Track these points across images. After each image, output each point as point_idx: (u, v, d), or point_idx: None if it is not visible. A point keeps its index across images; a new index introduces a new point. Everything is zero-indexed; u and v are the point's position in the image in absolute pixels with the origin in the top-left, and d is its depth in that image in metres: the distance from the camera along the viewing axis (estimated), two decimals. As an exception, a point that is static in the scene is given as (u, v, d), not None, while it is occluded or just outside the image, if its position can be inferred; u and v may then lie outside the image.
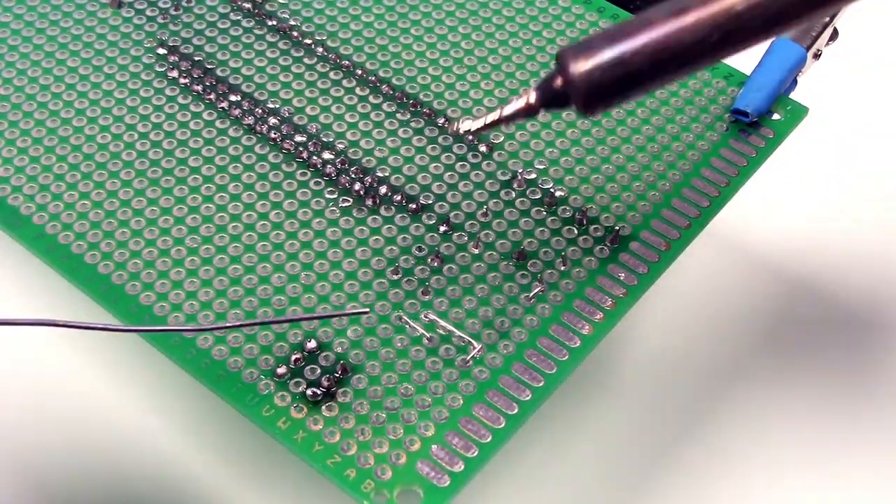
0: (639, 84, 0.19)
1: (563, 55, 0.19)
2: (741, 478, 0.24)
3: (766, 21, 0.18)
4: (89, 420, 0.24)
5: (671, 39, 0.18)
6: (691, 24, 0.18)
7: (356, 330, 0.21)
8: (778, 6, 0.18)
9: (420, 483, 0.19)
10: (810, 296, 0.27)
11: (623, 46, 0.18)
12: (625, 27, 0.18)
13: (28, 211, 0.23)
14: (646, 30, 0.18)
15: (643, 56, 0.18)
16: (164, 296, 0.22)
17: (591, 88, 0.19)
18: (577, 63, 0.18)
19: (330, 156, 0.24)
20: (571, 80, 0.19)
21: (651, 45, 0.18)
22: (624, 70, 0.18)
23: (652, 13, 0.18)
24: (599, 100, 0.19)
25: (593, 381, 0.25)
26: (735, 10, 0.18)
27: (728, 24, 0.18)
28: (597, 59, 0.18)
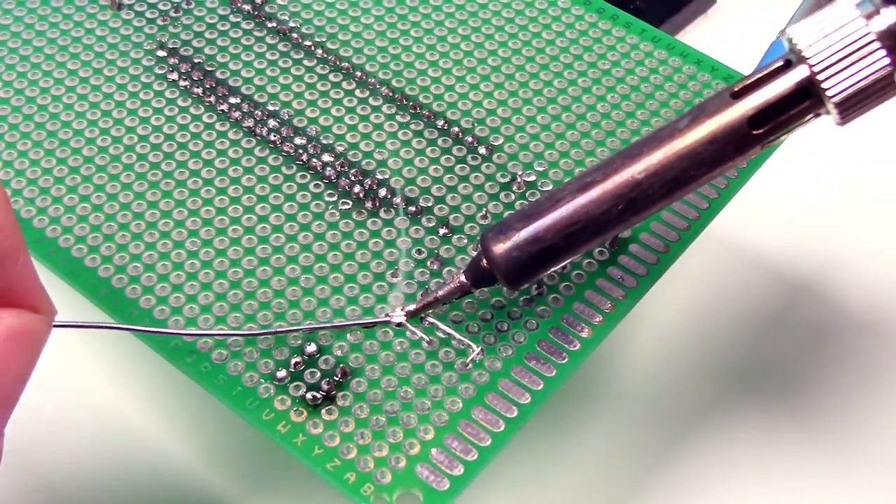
0: (555, 257, 0.20)
1: (483, 238, 0.20)
2: (740, 480, 0.24)
3: (666, 187, 0.19)
4: (88, 423, 0.24)
5: (580, 214, 0.20)
6: (597, 197, 0.20)
7: (356, 334, 0.21)
8: (674, 173, 0.19)
9: (419, 486, 0.20)
10: (810, 297, 0.27)
11: (537, 225, 0.20)
12: (537, 205, 0.20)
13: (28, 214, 0.23)
14: (556, 207, 0.20)
15: (556, 232, 0.20)
16: (164, 299, 0.22)
17: (512, 267, 0.20)
18: (497, 245, 0.20)
19: (330, 158, 0.24)
20: (494, 261, 0.20)
21: (562, 221, 0.20)
22: (539, 247, 0.20)
23: (559, 191, 0.20)
24: (522, 275, 0.20)
25: (592, 384, 0.25)
26: (635, 180, 0.19)
27: (630, 194, 0.19)
28: (514, 240, 0.20)
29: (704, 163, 0.19)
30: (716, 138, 0.19)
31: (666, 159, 0.19)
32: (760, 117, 0.19)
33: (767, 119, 0.19)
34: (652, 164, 0.19)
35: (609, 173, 0.20)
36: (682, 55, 0.26)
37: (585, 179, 0.20)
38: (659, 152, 0.19)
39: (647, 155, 0.19)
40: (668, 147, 0.19)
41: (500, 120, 0.25)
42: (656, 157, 0.19)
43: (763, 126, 0.19)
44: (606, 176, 0.20)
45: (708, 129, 0.19)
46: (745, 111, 0.19)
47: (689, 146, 0.19)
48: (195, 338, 0.21)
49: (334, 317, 0.22)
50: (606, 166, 0.20)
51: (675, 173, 0.19)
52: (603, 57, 0.26)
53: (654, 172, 0.19)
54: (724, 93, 0.19)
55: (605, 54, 0.26)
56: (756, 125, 0.19)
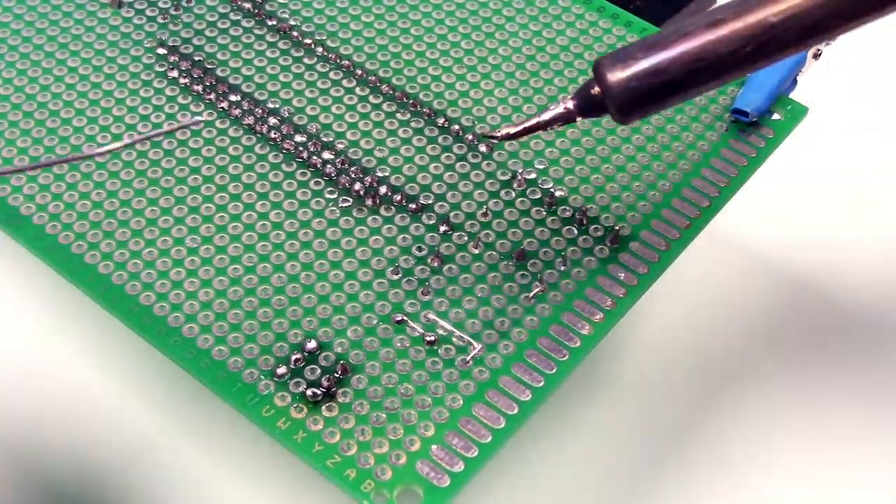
0: (675, 93, 0.19)
1: (599, 64, 0.19)
2: (742, 477, 0.24)
3: (800, 34, 0.18)
4: (87, 420, 0.24)
5: (707, 50, 0.18)
6: (726, 35, 0.18)
7: (356, 330, 0.21)
8: (812, 19, 0.18)
9: (420, 483, 0.19)
10: (810, 295, 0.27)
11: (660, 56, 0.19)
12: (662, 37, 0.19)
13: (28, 211, 0.23)
14: (682, 40, 0.19)
15: (679, 66, 0.19)
16: (164, 296, 0.22)
17: (627, 97, 0.19)
18: (614, 72, 0.19)
19: (330, 156, 0.24)
20: (608, 89, 0.19)
21: (687, 55, 0.19)
22: (660, 80, 0.19)
23: (688, 24, 0.19)
24: (635, 108, 0.19)
25: (593, 381, 0.25)
26: (769, 22, 0.18)
27: (762, 37, 0.18)
28: (634, 69, 0.19)
29: (843, 13, 0.18)
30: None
31: (805, 4, 0.18)
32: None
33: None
34: (790, 7, 0.18)
35: (742, 12, 0.18)
36: (682, 54, 0.26)
37: (717, 15, 0.19)
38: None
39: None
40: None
41: (500, 118, 0.25)
42: (795, 1, 0.18)
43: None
44: (739, 14, 0.18)
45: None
46: None
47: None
48: (187, 329, 0.21)
49: (334, 314, 0.22)
50: (741, 3, 0.19)
51: (812, 20, 0.18)
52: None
53: (790, 16, 0.18)
54: None
55: (604, 53, 0.26)
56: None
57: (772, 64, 0.19)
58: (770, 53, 0.19)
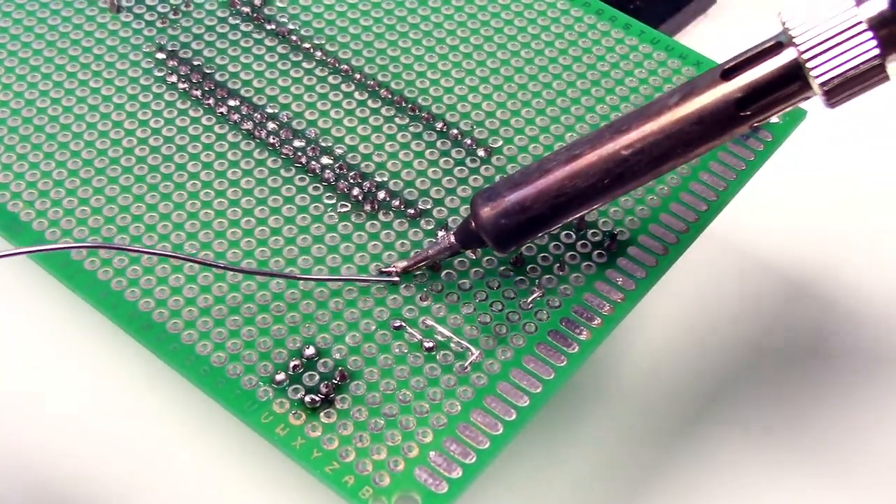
0: (541, 226, 0.21)
1: (473, 202, 0.21)
2: (741, 482, 0.24)
3: (652, 163, 0.20)
4: (84, 426, 0.24)
5: (567, 186, 0.20)
6: (584, 170, 0.20)
7: (354, 336, 0.21)
8: (661, 150, 0.20)
9: (418, 489, 0.20)
10: (810, 298, 0.27)
11: (524, 193, 0.20)
12: (525, 175, 0.20)
13: (27, 217, 0.23)
14: (544, 177, 0.20)
15: (543, 202, 0.20)
16: (163, 302, 0.22)
17: (499, 232, 0.21)
18: (485, 210, 0.21)
19: (328, 160, 0.24)
20: (482, 226, 0.21)
21: (549, 191, 0.20)
22: (526, 216, 0.20)
23: (547, 161, 0.20)
24: (509, 241, 0.21)
25: (591, 386, 0.25)
26: (622, 156, 0.20)
27: (616, 169, 0.20)
28: (502, 207, 0.21)
29: (691, 142, 0.20)
30: (703, 118, 0.19)
31: (653, 136, 0.20)
32: (748, 99, 0.19)
33: (755, 100, 0.19)
34: (639, 140, 0.20)
35: (597, 146, 0.20)
36: (680, 56, 0.26)
37: (574, 151, 0.20)
38: (646, 128, 0.20)
39: (634, 130, 0.20)
40: (655, 124, 0.20)
41: (498, 122, 0.25)
42: (643, 134, 0.20)
43: (750, 107, 0.19)
44: (594, 149, 0.20)
45: (696, 108, 0.19)
46: (732, 92, 0.19)
47: (677, 125, 0.19)
48: (186, 335, 0.21)
49: (333, 320, 0.22)
50: (595, 139, 0.20)
51: (661, 150, 0.20)
52: (602, 59, 0.26)
53: (640, 149, 0.20)
54: (715, 71, 0.19)
55: (603, 56, 0.26)
56: (744, 106, 0.19)
57: (629, 192, 0.21)
58: (626, 183, 0.20)
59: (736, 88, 0.19)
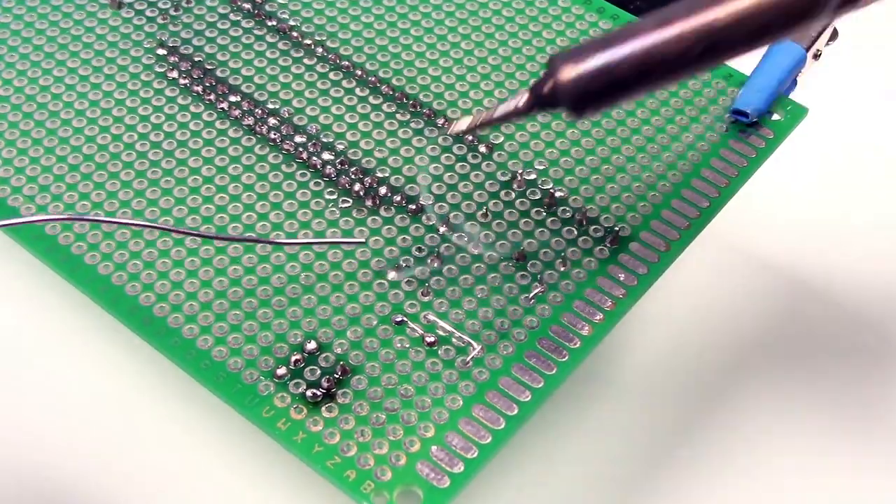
0: (624, 91, 0.19)
1: (553, 60, 0.19)
2: (742, 478, 0.24)
3: (748, 35, 0.19)
4: (86, 420, 0.24)
5: (656, 50, 0.19)
6: (675, 36, 0.19)
7: (356, 331, 0.21)
8: (758, 22, 0.18)
9: (420, 484, 0.19)
10: (810, 296, 0.27)
11: (610, 55, 0.19)
12: (614, 36, 0.19)
13: (28, 211, 0.23)
14: (633, 39, 0.19)
15: (629, 66, 0.19)
16: (163, 296, 0.22)
17: (578, 94, 0.19)
18: (566, 69, 0.19)
19: (330, 156, 0.24)
20: (561, 86, 0.19)
21: (637, 55, 0.19)
22: (610, 78, 0.19)
23: (639, 23, 0.19)
24: (587, 105, 0.19)
25: (593, 382, 0.25)
26: (717, 24, 0.18)
27: (711, 37, 0.19)
28: (584, 67, 0.19)
29: (793, 14, 0.18)
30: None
31: (755, 5, 0.18)
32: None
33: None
34: (740, 8, 0.18)
35: (691, 13, 0.19)
36: (682, 54, 0.26)
37: (668, 14, 0.19)
38: None
39: None
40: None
41: (500, 118, 0.25)
42: (744, 4, 0.18)
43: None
44: (690, 14, 0.19)
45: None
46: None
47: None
48: (186, 330, 0.21)
49: (334, 315, 0.22)
50: (691, 5, 0.19)
51: (762, 22, 0.18)
52: (603, 56, 0.26)
53: (740, 19, 0.18)
54: None
55: (602, 53, 0.26)
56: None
57: (720, 64, 0.19)
58: (719, 54, 0.19)
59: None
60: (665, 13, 0.19)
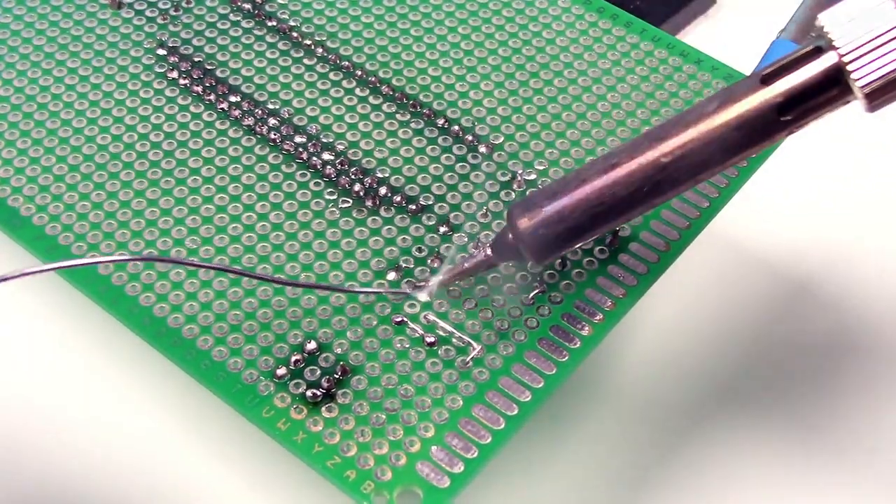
0: (580, 235, 0.20)
1: (510, 214, 0.21)
2: (740, 480, 0.24)
3: (692, 170, 0.19)
4: (85, 420, 0.24)
5: (606, 195, 0.20)
6: (623, 179, 0.20)
7: (356, 331, 0.21)
8: (701, 157, 0.19)
9: (420, 484, 0.19)
10: (810, 296, 0.27)
11: (562, 203, 0.20)
12: (563, 184, 0.20)
13: (28, 212, 0.23)
14: (582, 187, 0.20)
15: (581, 212, 0.20)
16: (163, 296, 0.22)
17: (537, 243, 0.20)
18: (522, 221, 0.20)
19: (330, 157, 0.24)
20: (520, 238, 0.20)
21: (588, 200, 0.20)
22: (565, 226, 0.20)
23: (585, 170, 0.20)
24: (547, 252, 0.21)
25: (593, 382, 0.25)
26: (661, 163, 0.19)
27: (656, 176, 0.20)
28: (540, 217, 0.20)
29: (731, 148, 0.19)
30: (743, 124, 0.19)
31: (692, 143, 0.19)
32: (789, 104, 0.19)
33: (796, 105, 0.19)
34: (678, 147, 0.19)
35: (635, 155, 0.20)
36: (682, 54, 0.26)
37: (612, 160, 0.20)
38: (685, 136, 0.19)
39: (673, 137, 0.19)
40: (694, 131, 0.19)
41: (500, 118, 0.25)
42: (682, 141, 0.19)
43: (791, 112, 0.19)
44: (632, 157, 0.20)
45: (736, 115, 0.19)
46: (773, 97, 0.19)
47: (717, 131, 0.19)
48: (187, 330, 0.21)
49: (334, 315, 0.22)
50: (633, 148, 0.20)
51: (701, 157, 0.19)
52: (603, 56, 0.26)
53: (680, 156, 0.19)
54: (753, 77, 0.19)
55: (605, 53, 0.26)
56: (784, 111, 0.19)
57: (669, 200, 0.20)
58: (665, 191, 0.20)
59: (777, 94, 0.19)
60: (608, 160, 0.20)
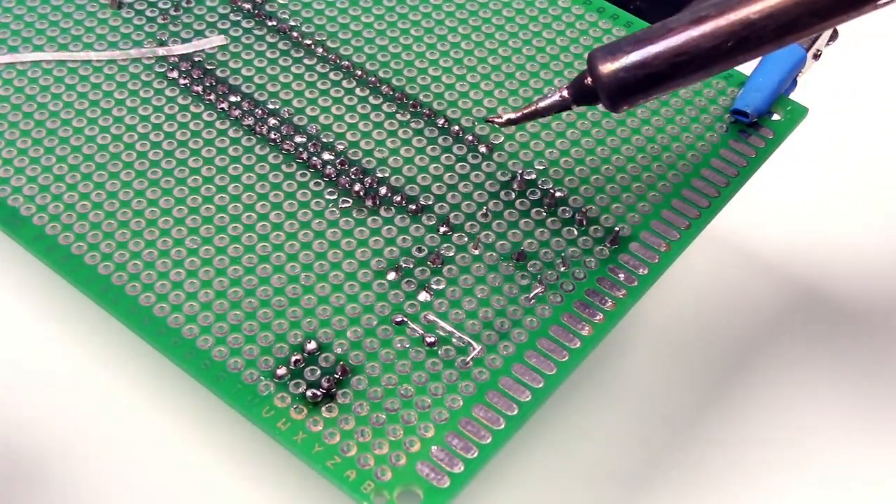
0: (660, 85, 0.20)
1: (592, 56, 0.21)
2: (742, 478, 0.24)
3: (778, 30, 0.19)
4: (85, 420, 0.24)
5: (690, 45, 0.20)
6: (709, 31, 0.20)
7: (356, 331, 0.21)
8: (789, 17, 0.19)
9: (420, 484, 0.19)
10: (811, 296, 0.27)
11: (646, 50, 0.20)
12: (649, 32, 0.20)
13: (28, 212, 0.23)
14: (667, 35, 0.20)
15: (664, 60, 0.20)
16: (164, 297, 0.22)
17: (616, 87, 0.20)
18: (605, 64, 0.20)
19: (330, 157, 0.24)
20: (599, 79, 0.20)
21: (671, 49, 0.20)
22: (646, 72, 0.20)
23: (673, 21, 0.20)
24: (624, 97, 0.21)
25: (593, 382, 0.25)
26: (749, 19, 0.19)
27: (742, 32, 0.20)
28: (622, 62, 0.20)
29: (820, 12, 0.19)
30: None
31: (783, 3, 0.19)
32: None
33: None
34: (769, 6, 0.19)
35: (724, 9, 0.20)
36: (682, 54, 0.26)
37: (700, 12, 0.20)
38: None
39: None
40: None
41: (500, 118, 0.25)
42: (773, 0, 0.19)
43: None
44: (721, 11, 0.20)
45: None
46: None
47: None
48: (187, 330, 0.21)
49: (334, 315, 0.21)
50: (723, 1, 0.20)
51: (789, 18, 0.19)
52: (603, 56, 0.26)
53: (769, 14, 0.19)
54: None
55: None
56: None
57: (752, 59, 0.20)
58: (750, 48, 0.20)
59: None
60: (697, 12, 0.20)
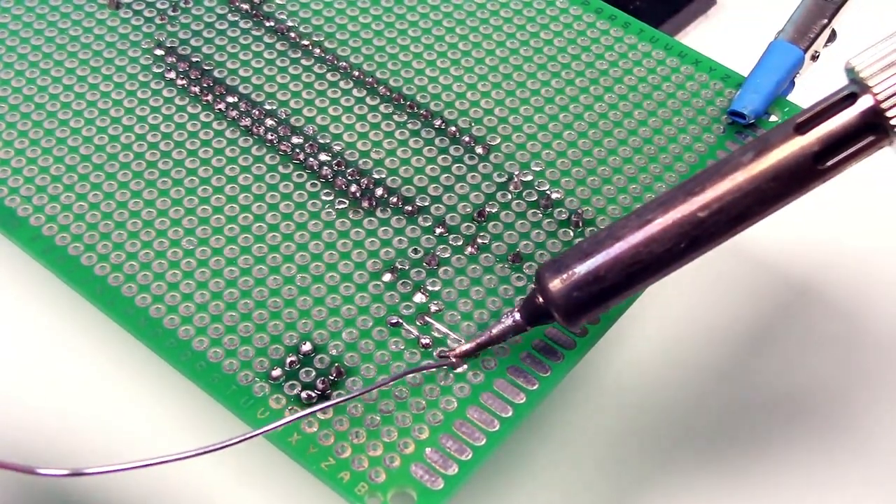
0: (616, 295, 0.20)
1: (540, 276, 0.20)
2: (737, 480, 0.24)
3: (728, 224, 0.19)
4: (81, 421, 0.24)
5: (642, 252, 0.19)
6: (658, 235, 0.19)
7: (351, 332, 0.21)
8: (737, 210, 0.19)
9: (414, 486, 0.20)
10: (808, 297, 0.27)
11: (596, 264, 0.19)
12: (595, 244, 0.20)
13: (25, 212, 0.23)
14: (616, 245, 0.19)
15: (617, 271, 0.19)
16: (159, 297, 0.22)
17: (572, 306, 0.20)
18: (555, 283, 0.20)
19: (326, 157, 0.24)
20: (552, 300, 0.20)
21: (623, 259, 0.19)
22: (601, 287, 0.20)
23: (618, 228, 0.19)
24: (582, 313, 0.20)
25: (588, 383, 0.25)
26: (698, 217, 0.19)
27: (693, 232, 0.19)
28: (574, 279, 0.20)
29: (768, 199, 0.19)
30: (780, 174, 0.19)
31: (729, 196, 0.19)
32: (826, 151, 0.18)
33: (832, 152, 0.18)
34: (715, 200, 0.19)
35: (670, 210, 0.19)
36: (679, 55, 0.26)
37: (646, 216, 0.19)
38: (721, 188, 0.19)
39: (709, 190, 0.19)
40: (730, 182, 0.19)
41: (497, 119, 0.25)
42: (719, 194, 0.19)
43: (828, 159, 0.19)
44: (668, 212, 0.19)
45: (772, 164, 0.19)
46: (809, 145, 0.19)
47: (753, 182, 0.19)
48: (182, 331, 0.21)
49: (329, 317, 0.22)
50: (667, 202, 0.19)
51: (738, 210, 0.19)
52: (601, 57, 0.26)
53: (717, 210, 0.19)
54: (787, 125, 0.19)
55: (602, 54, 0.26)
56: (821, 159, 0.19)
57: (705, 254, 0.20)
58: (703, 245, 0.19)
59: (813, 141, 0.18)
60: (641, 216, 0.19)
